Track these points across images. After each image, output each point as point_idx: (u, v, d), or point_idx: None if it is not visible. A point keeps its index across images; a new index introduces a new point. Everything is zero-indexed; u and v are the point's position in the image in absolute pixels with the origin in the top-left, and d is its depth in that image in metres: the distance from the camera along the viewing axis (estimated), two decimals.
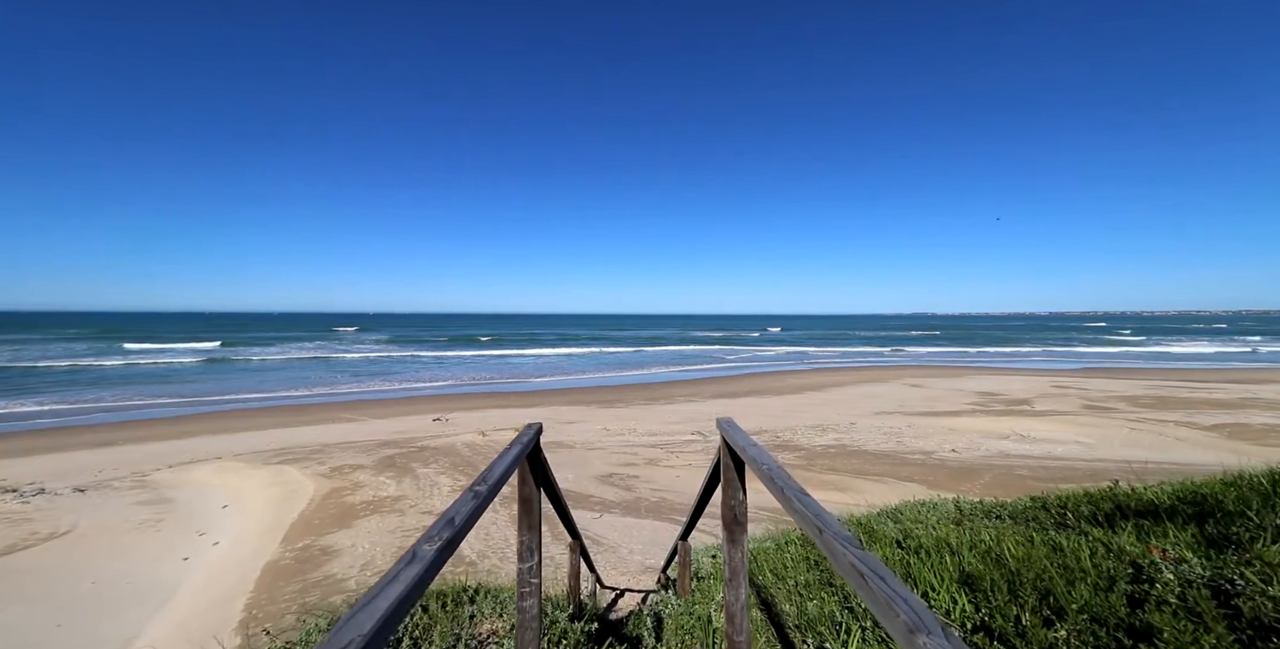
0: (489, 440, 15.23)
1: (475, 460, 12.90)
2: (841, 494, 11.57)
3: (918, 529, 2.37)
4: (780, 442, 15.95)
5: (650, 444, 15.52)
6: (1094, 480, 12.47)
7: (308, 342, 64.75)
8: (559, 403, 22.69)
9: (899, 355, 49.54)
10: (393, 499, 9.86)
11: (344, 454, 13.45)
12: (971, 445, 15.61)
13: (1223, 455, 14.61)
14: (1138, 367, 36.91)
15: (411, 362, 42.91)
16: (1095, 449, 15.27)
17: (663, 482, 11.95)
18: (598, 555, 7.12)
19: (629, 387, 28.48)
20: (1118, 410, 20.58)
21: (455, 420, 18.40)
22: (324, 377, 32.41)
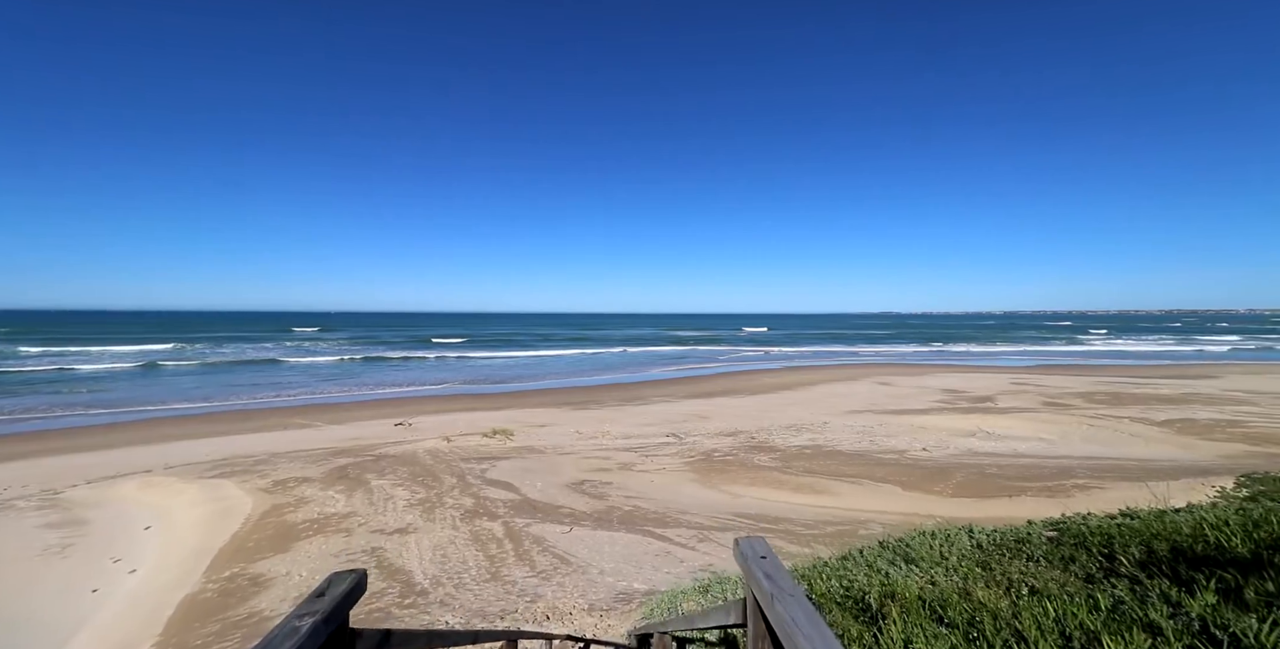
0: (454, 447, 14.40)
1: (437, 470, 12.09)
2: (819, 496, 11.33)
3: (944, 579, 1.95)
4: (756, 443, 15.68)
5: (624, 447, 15.00)
6: (1059, 478, 12.67)
7: (263, 342, 61.42)
8: (530, 405, 21.91)
9: (868, 354, 50.56)
10: (340, 516, 9.01)
11: (291, 465, 12.40)
12: (941, 444, 15.71)
13: (1174, 450, 15.13)
14: (1091, 364, 38.64)
15: (375, 363, 41.09)
16: (1057, 446, 15.60)
17: (636, 488, 11.45)
18: (565, 578, 6.55)
19: (603, 387, 27.88)
20: (1075, 407, 21.25)
21: (419, 425, 17.43)
22: (278, 379, 30.56)
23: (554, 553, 7.46)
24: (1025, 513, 10.41)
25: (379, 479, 11.23)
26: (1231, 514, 2.27)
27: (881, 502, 10.95)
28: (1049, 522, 2.76)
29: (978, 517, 10.33)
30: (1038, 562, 2.11)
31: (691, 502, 10.67)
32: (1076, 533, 2.35)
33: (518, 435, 15.85)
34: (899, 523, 9.69)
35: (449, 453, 13.68)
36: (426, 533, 8.21)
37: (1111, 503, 10.63)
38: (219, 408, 21.45)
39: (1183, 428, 16.98)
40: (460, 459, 13.08)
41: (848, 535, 9.11)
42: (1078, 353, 49.26)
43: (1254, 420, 17.81)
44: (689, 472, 12.79)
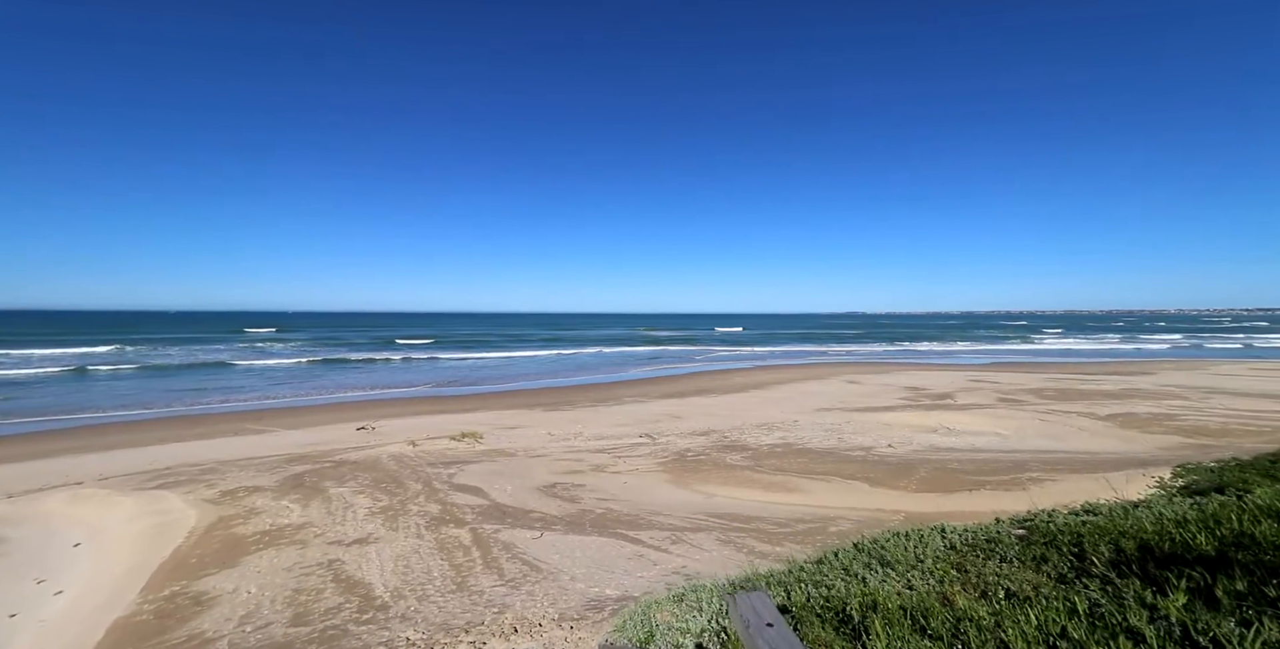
0: (420, 451, 13.90)
1: (402, 476, 11.62)
2: (790, 495, 11.47)
3: (921, 582, 1.91)
4: (729, 442, 15.78)
5: (597, 449, 14.83)
6: (1015, 472, 13.24)
7: (212, 343, 58.13)
8: (501, 407, 21.44)
9: (836, 353, 51.89)
10: (295, 527, 8.51)
11: (242, 473, 11.69)
12: (905, 440, 16.20)
13: (1118, 443, 16.07)
14: (1041, 361, 40.78)
15: (336, 365, 39.44)
16: (1011, 440, 16.33)
17: (610, 490, 11.30)
18: (535, 586, 6.35)
19: (576, 388, 27.58)
20: (1027, 403, 22.32)
21: (383, 429, 16.77)
22: (229, 383, 28.93)
23: (524, 560, 7.24)
24: (985, 506, 10.81)
25: (338, 487, 10.70)
26: (1189, 510, 2.34)
27: (850, 498, 11.16)
28: (1016, 519, 2.79)
29: (941, 511, 10.67)
30: (1010, 562, 2.11)
31: (665, 502, 10.60)
32: (1045, 531, 2.37)
33: (487, 438, 15.45)
34: (867, 519, 9.89)
35: (414, 458, 13.19)
36: (389, 542, 7.85)
37: (1064, 495, 11.18)
38: (162, 414, 20.10)
39: (1125, 422, 18.05)
40: (426, 464, 12.63)
41: (818, 533, 9.23)
42: (1029, 351, 51.93)
43: (1186, 414, 19.10)
44: (662, 472, 12.74)
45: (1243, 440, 15.18)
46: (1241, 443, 14.86)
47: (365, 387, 27.81)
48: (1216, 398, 22.33)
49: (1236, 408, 20.04)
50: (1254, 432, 16.31)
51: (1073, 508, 9.79)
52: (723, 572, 6.99)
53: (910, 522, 10.30)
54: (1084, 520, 2.27)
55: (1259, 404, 20.79)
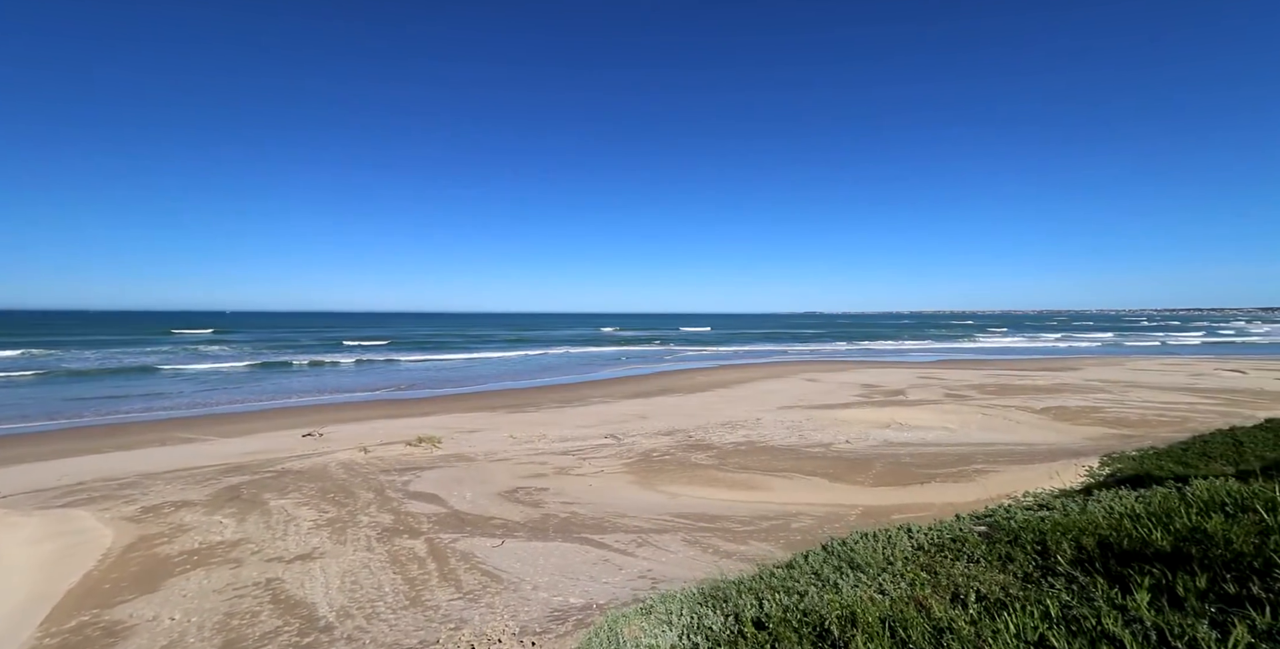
0: (372, 458, 13.18)
1: (352, 484, 10.96)
2: (754, 492, 11.60)
3: (893, 586, 1.88)
4: (694, 441, 15.84)
5: (561, 451, 14.53)
6: (962, 464, 13.93)
7: (138, 346, 53.50)
8: (461, 409, 20.70)
9: (797, 352, 53.40)
10: (229, 545, 7.83)
11: (168, 487, 10.69)
12: (861, 436, 16.77)
13: (1052, 435, 17.24)
14: (984, 358, 43.37)
15: (280, 369, 37.09)
16: (958, 434, 17.22)
17: (574, 492, 11.07)
18: (495, 597, 6.07)
19: (540, 389, 27.05)
20: (971, 398, 23.61)
21: (332, 435, 15.82)
22: (157, 389, 26.64)
23: (483, 570, 6.93)
24: (936, 498, 11.30)
25: (279, 499, 9.96)
26: (1135, 504, 2.44)
27: (811, 494, 11.40)
28: (976, 515, 2.85)
29: (896, 504, 11.06)
30: (978, 562, 2.11)
31: (630, 504, 10.48)
32: (1007, 528, 2.40)
33: (446, 442, 14.85)
34: (827, 514, 10.13)
35: (366, 465, 12.49)
36: (335, 557, 7.34)
37: (1007, 484, 11.85)
38: (74, 423, 18.21)
39: (1057, 415, 19.37)
40: (379, 471, 11.98)
41: (781, 529, 9.35)
42: (973, 349, 55.19)
43: (1109, 406, 20.71)
44: (627, 473, 12.61)
45: (1158, 430, 16.61)
46: (1157, 433, 16.26)
47: (313, 391, 26.24)
48: (1134, 391, 24.36)
49: (1151, 400, 21.93)
50: (1167, 422, 17.85)
51: (1026, 501, 10.38)
52: (690, 574, 6.93)
53: (868, 515, 10.67)
54: (1043, 517, 2.33)
55: (1170, 396, 22.83)
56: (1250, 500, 1.90)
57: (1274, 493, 1.92)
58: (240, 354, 45.85)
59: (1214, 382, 27.02)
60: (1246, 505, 1.84)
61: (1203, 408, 20.17)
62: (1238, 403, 21.07)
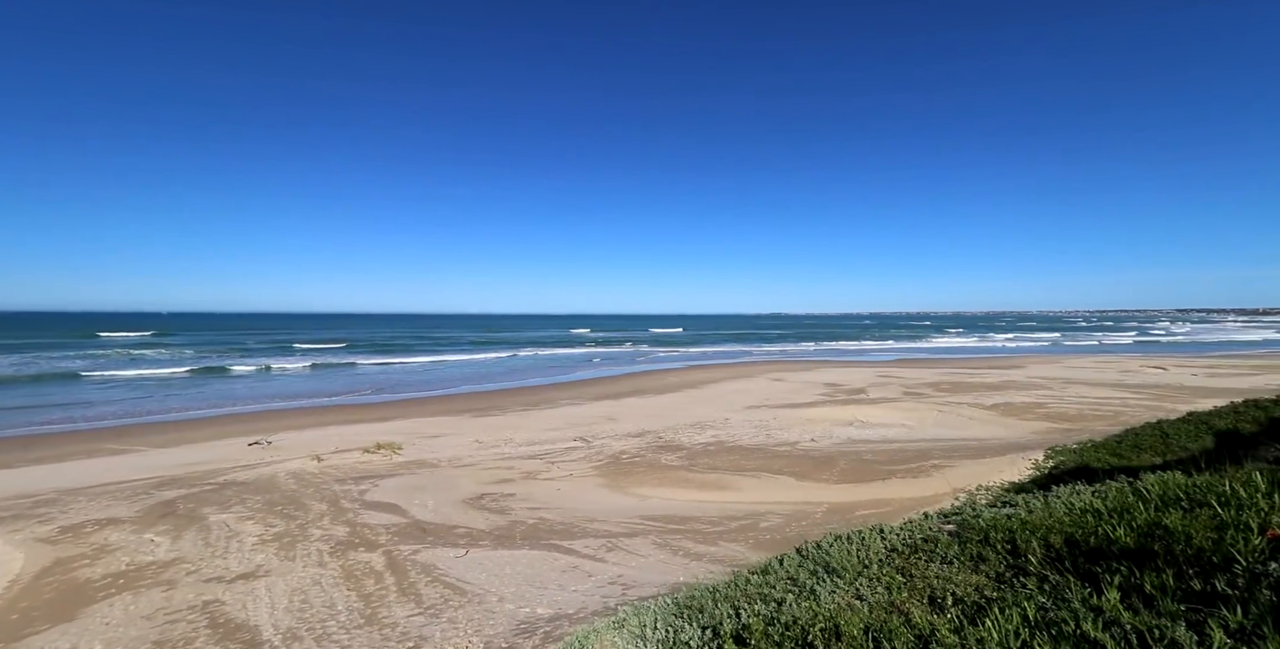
0: (326, 466, 12.48)
1: (303, 495, 10.32)
2: (723, 492, 11.67)
3: (870, 591, 1.85)
4: (664, 442, 15.82)
5: (529, 455, 14.21)
6: (920, 460, 14.47)
7: (60, 350, 49.14)
8: (424, 414, 19.96)
9: (763, 352, 54.47)
10: (161, 565, 7.19)
11: (92, 504, 9.77)
12: (826, 434, 17.20)
13: (1001, 430, 18.17)
14: (938, 357, 45.47)
15: (225, 374, 34.84)
16: (916, 430, 17.91)
17: (542, 497, 10.82)
18: (458, 611, 5.80)
19: (507, 392, 26.44)
20: (928, 396, 24.64)
21: (282, 443, 14.91)
22: (84, 397, 24.48)
23: (446, 582, 6.63)
24: (897, 494, 11.68)
25: (221, 513, 9.26)
26: (1093, 499, 2.52)
27: (779, 493, 11.56)
28: (943, 513, 2.90)
29: (859, 500, 11.36)
30: (951, 563, 2.12)
31: (599, 508, 10.33)
32: (975, 527, 2.43)
33: (407, 449, 14.25)
34: (794, 513, 10.28)
35: (319, 474, 11.81)
36: (283, 575, 6.85)
37: (962, 478, 12.38)
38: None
39: (1005, 410, 20.44)
40: (334, 480, 11.35)
41: (750, 529, 9.43)
42: (928, 348, 57.80)
43: (1051, 402, 22.04)
44: (597, 476, 12.45)
45: (1094, 424, 17.76)
46: (1094, 426, 17.39)
47: (261, 397, 24.72)
48: (1072, 387, 26.04)
49: (1087, 396, 23.49)
50: (1102, 416, 19.14)
51: (982, 495, 10.84)
52: (661, 578, 6.86)
53: (833, 512, 10.90)
54: (1009, 514, 2.38)
55: (1103, 392, 24.53)
56: (1203, 495, 1.99)
57: (1223, 486, 2.03)
58: (179, 358, 42.81)
59: (1140, 378, 29.23)
60: (1200, 500, 1.93)
61: (1132, 402, 21.75)
62: (1162, 397, 22.83)
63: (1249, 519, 1.66)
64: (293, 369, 37.09)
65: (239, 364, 38.89)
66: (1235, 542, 1.51)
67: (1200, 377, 29.32)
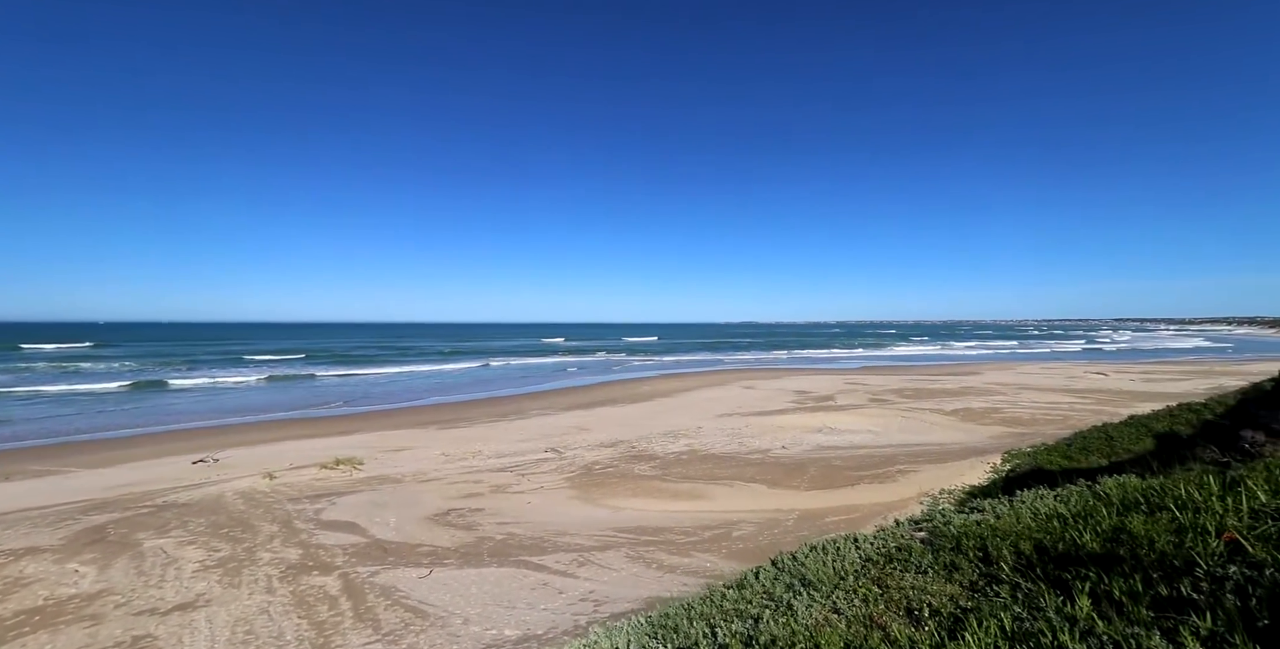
0: (279, 484, 11.76)
1: (252, 516, 9.66)
2: (696, 502, 11.61)
3: (847, 604, 1.81)
4: (637, 452, 15.68)
5: (498, 467, 13.81)
6: (886, 465, 14.82)
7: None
8: (387, 427, 19.17)
9: (734, 360, 55.12)
10: (86, 598, 6.54)
11: (8, 532, 8.85)
12: (796, 441, 17.45)
13: (961, 435, 18.86)
14: (901, 365, 47.06)
15: (169, 388, 32.65)
16: (882, 436, 18.38)
17: (512, 512, 10.49)
18: (419, 636, 5.49)
19: (476, 403, 25.75)
20: (892, 402, 25.39)
21: (231, 460, 14.00)
22: (4, 414, 22.44)
23: (407, 605, 6.28)
24: (865, 499, 11.90)
25: (157, 538, 8.55)
26: (1055, 503, 2.59)
27: (751, 501, 11.60)
28: (914, 520, 2.92)
29: (829, 506, 11.52)
30: (925, 573, 2.11)
31: (571, 521, 10.10)
32: (946, 534, 2.45)
33: (369, 464, 13.62)
34: (766, 521, 10.31)
35: (271, 493, 11.11)
36: (225, 604, 6.34)
37: (925, 482, 12.74)
38: None
39: (964, 416, 21.25)
40: (287, 499, 10.70)
41: (723, 539, 9.38)
42: (892, 356, 59.77)
43: (1006, 407, 23.07)
44: (569, 488, 12.19)
45: (1045, 428, 18.66)
46: (1045, 430, 18.27)
47: (209, 412, 23.23)
48: (1025, 393, 27.36)
49: (1038, 401, 24.72)
50: (1053, 420, 20.15)
51: (945, 499, 11.14)
52: (634, 593, 6.70)
53: (804, 519, 10.99)
54: (978, 520, 2.41)
55: (1053, 397, 25.87)
56: (1161, 498, 2.06)
57: (1179, 490, 2.11)
58: (117, 372, 39.91)
59: (1085, 383, 31.01)
60: (1159, 504, 2.00)
61: (1079, 406, 23.00)
62: (1105, 401, 24.25)
63: (1206, 522, 1.72)
64: (245, 382, 34.99)
65: (185, 377, 36.49)
66: (1195, 545, 1.56)
67: (1138, 382, 31.35)
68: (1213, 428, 6.46)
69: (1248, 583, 1.29)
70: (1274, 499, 1.81)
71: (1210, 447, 4.23)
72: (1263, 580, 1.29)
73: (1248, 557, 1.46)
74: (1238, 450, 3.80)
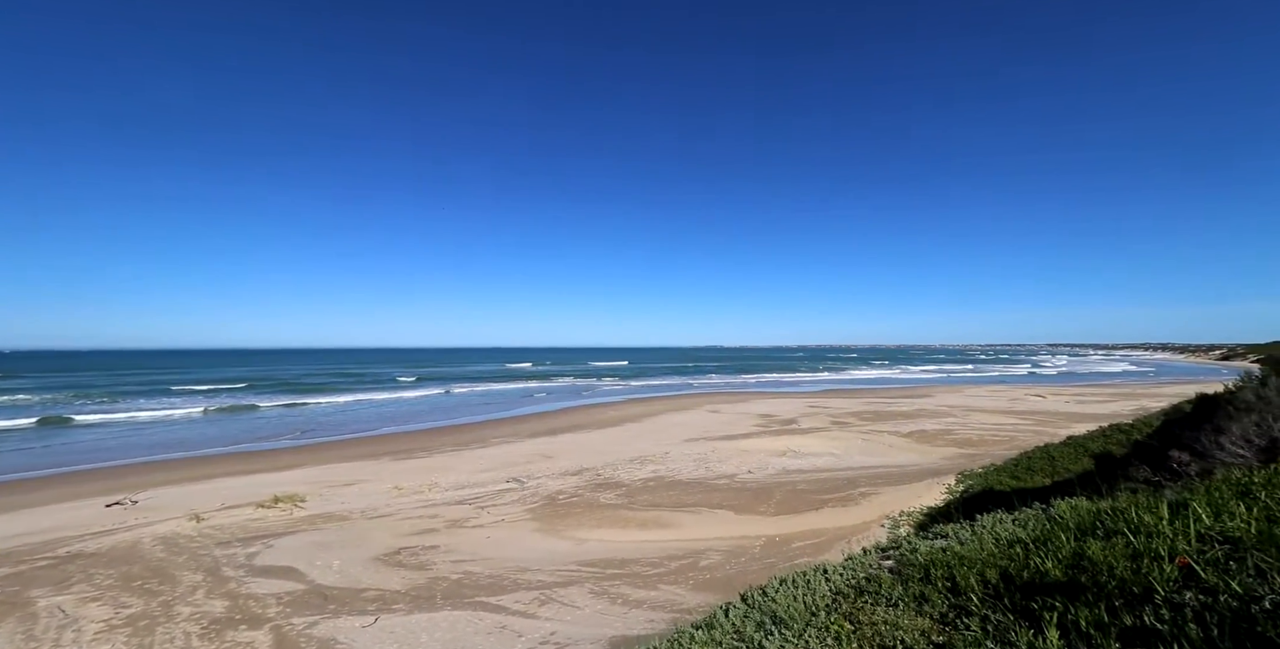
0: (208, 527, 10.67)
1: (172, 565, 8.66)
2: (663, 531, 11.32)
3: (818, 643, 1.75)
4: (602, 479, 15.27)
5: (456, 500, 13.08)
6: (849, 488, 15.02)
7: None
8: (336, 459, 17.93)
9: (700, 384, 55.41)
10: None
11: None
12: (762, 465, 17.50)
13: (917, 456, 19.45)
14: (860, 388, 48.61)
15: (78, 423, 29.61)
16: (843, 459, 18.72)
17: (469, 548, 9.89)
18: None
19: (436, 431, 24.59)
20: (852, 424, 26.04)
21: (153, 502, 12.64)
22: None
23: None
24: (829, 523, 11.95)
25: (56, 594, 7.50)
26: (1015, 528, 2.66)
27: (718, 528, 11.44)
28: (881, 548, 2.92)
29: (795, 531, 11.48)
30: (895, 606, 2.09)
31: (533, 555, 9.61)
32: (913, 563, 2.45)
33: (312, 500, 12.62)
34: (733, 548, 10.16)
35: (197, 537, 10.05)
36: None
37: (885, 505, 12.96)
38: None
39: (920, 438, 21.97)
40: (215, 544, 9.70)
41: (690, 569, 9.15)
42: (852, 380, 61.73)
43: (957, 429, 24.06)
44: (531, 520, 11.67)
45: (994, 448, 19.53)
46: (993, 451, 19.11)
47: (132, 449, 21.09)
48: (973, 415, 28.69)
49: (986, 422, 25.95)
50: (999, 441, 21.12)
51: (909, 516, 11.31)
52: (599, 632, 6.36)
53: (770, 545, 10.89)
54: (943, 547, 2.43)
55: (998, 419, 27.24)
56: (1114, 522, 2.14)
57: (1131, 513, 2.20)
58: (23, 405, 35.91)
59: (1026, 405, 32.90)
60: (1113, 528, 2.07)
61: (1022, 428, 24.27)
62: (1044, 423, 25.72)
63: (1159, 547, 1.79)
64: (173, 415, 31.92)
65: (104, 411, 33.04)
66: (1152, 570, 1.61)
67: (1071, 403, 33.56)
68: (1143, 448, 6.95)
69: (1204, 610, 1.34)
70: (1216, 522, 1.92)
71: (1143, 466, 4.53)
72: (1218, 607, 1.33)
73: (1201, 582, 1.52)
74: (1167, 470, 4.08)
